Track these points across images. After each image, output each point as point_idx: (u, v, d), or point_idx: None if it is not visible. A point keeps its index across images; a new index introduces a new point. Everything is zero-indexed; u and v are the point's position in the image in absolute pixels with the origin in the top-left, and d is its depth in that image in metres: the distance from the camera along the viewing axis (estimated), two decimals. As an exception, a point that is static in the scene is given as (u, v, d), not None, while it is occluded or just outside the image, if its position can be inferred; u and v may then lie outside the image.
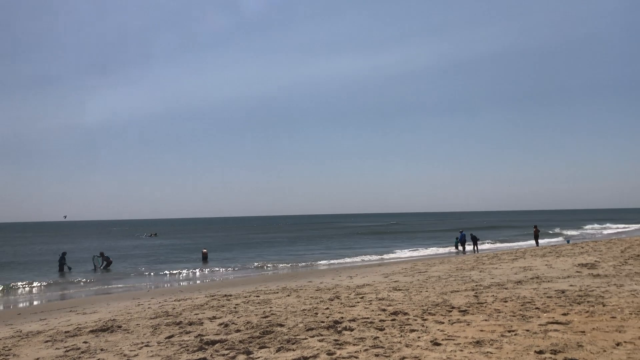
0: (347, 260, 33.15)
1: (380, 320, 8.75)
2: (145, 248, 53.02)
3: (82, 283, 25.22)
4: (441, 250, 40.10)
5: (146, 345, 7.69)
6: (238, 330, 8.39)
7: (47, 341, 8.67)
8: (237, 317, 9.76)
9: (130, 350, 7.42)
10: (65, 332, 9.43)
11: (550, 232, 62.79)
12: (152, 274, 28.49)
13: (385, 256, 35.83)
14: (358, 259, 33.87)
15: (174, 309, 11.78)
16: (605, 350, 6.19)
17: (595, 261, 18.07)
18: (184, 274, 27.93)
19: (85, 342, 8.18)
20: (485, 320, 8.45)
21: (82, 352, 7.50)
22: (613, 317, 8.13)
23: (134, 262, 35.81)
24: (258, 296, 13.22)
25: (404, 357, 6.28)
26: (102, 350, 7.58)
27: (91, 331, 9.12)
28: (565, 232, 63.42)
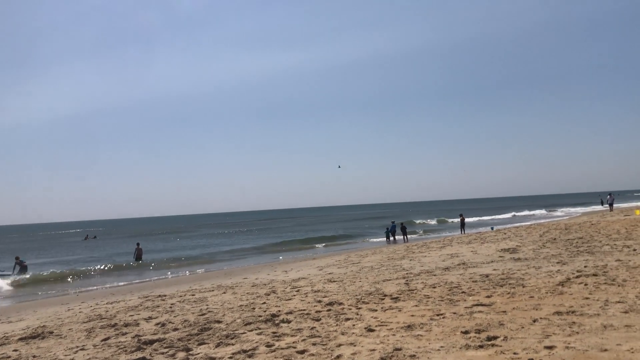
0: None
1: (316, 312, 9.02)
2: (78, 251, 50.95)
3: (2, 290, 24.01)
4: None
5: (81, 349, 7.57)
6: (176, 329, 8.40)
7: (-28, 352, 8.33)
8: (174, 316, 9.74)
9: (65, 355, 7.29)
10: (-8, 341, 9.08)
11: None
12: (78, 278, 27.46)
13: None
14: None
15: (107, 311, 11.55)
16: (523, 327, 6.75)
17: (517, 246, 19.20)
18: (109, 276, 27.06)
19: (15, 350, 7.93)
20: (416, 305, 8.91)
21: (14, 360, 7.30)
22: (531, 297, 8.81)
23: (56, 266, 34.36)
24: (193, 295, 13.17)
25: (340, 344, 6.57)
26: (34, 357, 7.39)
27: (20, 339, 8.81)
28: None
